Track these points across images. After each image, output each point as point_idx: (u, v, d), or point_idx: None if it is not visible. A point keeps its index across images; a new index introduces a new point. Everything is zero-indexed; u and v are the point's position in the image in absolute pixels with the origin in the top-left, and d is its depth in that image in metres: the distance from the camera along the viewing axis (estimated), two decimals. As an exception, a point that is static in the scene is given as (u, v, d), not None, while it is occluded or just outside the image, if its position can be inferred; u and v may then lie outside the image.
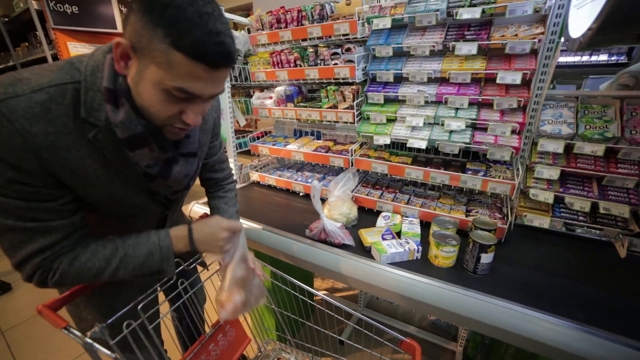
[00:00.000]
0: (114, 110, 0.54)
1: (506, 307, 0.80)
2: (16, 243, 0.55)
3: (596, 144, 0.97)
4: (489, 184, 1.09)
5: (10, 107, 0.49)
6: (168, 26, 0.46)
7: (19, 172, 0.51)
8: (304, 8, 1.39)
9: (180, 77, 0.49)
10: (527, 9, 0.97)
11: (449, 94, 1.17)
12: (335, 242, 1.08)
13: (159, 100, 0.52)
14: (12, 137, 0.49)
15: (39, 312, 0.63)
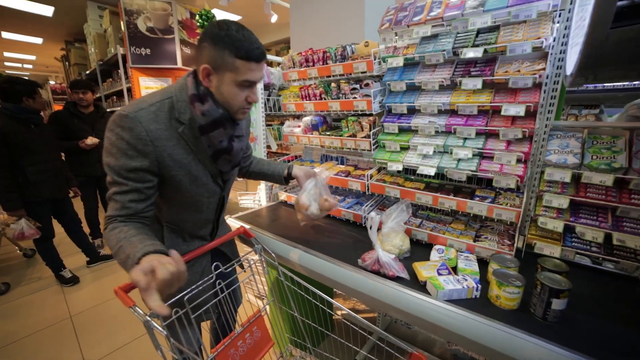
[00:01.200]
0: (200, 105, 0.84)
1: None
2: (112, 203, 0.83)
3: (604, 174, 0.98)
4: (495, 210, 1.13)
5: (139, 115, 0.81)
6: (230, 47, 0.80)
7: (143, 157, 0.81)
8: (328, 49, 1.60)
9: (243, 73, 0.83)
10: (525, 48, 1.05)
11: (457, 125, 1.25)
12: (389, 274, 1.05)
13: (235, 93, 0.85)
14: (141, 132, 0.80)
15: (115, 292, 0.83)
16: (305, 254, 1.24)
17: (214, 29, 0.80)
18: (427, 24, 1.23)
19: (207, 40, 0.81)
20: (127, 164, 0.80)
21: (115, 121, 0.80)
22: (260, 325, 1.17)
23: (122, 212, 0.82)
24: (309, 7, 2.60)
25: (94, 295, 2.50)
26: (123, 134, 0.79)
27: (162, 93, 0.88)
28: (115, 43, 3.97)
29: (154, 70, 3.72)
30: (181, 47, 3.71)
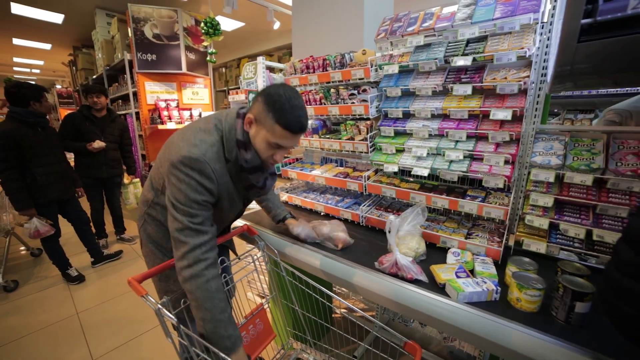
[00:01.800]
0: (245, 153, 0.96)
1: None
2: (187, 237, 0.89)
3: (585, 174, 1.05)
4: (484, 208, 1.20)
5: (208, 158, 0.91)
6: (275, 112, 0.90)
7: (209, 193, 0.92)
8: (328, 57, 1.69)
9: (277, 137, 0.93)
10: (511, 57, 1.12)
11: (449, 129, 1.33)
12: (407, 277, 1.06)
13: (264, 148, 0.96)
14: (210, 173, 0.91)
15: (129, 282, 0.91)
16: (324, 258, 1.26)
17: (272, 90, 0.91)
18: (420, 34, 1.32)
19: (262, 96, 0.92)
20: (197, 198, 0.89)
21: (183, 162, 0.88)
22: (263, 317, 1.24)
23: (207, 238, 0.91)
24: (311, 15, 2.70)
25: (99, 293, 2.57)
26: (193, 175, 0.88)
27: (212, 132, 0.95)
28: (122, 49, 4.09)
29: (159, 75, 3.83)
30: (186, 53, 3.82)
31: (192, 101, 4.14)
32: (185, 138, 0.93)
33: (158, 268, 1.01)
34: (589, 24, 0.70)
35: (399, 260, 1.08)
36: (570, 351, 0.74)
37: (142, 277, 0.96)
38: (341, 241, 1.31)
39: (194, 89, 4.15)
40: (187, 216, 0.89)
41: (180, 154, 0.88)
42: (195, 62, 4.01)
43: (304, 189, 2.12)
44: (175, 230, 0.90)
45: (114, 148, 3.15)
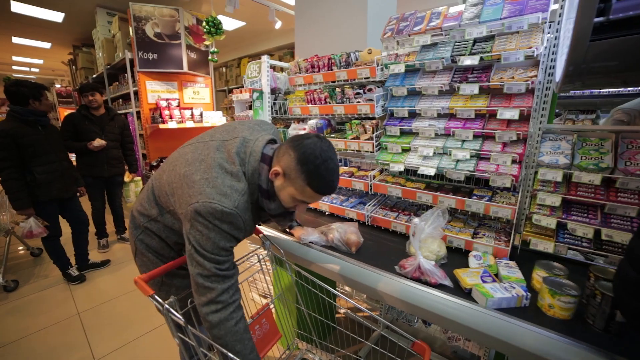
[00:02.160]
0: (268, 202, 0.93)
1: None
2: (215, 283, 0.86)
3: (593, 174, 1.05)
4: (491, 208, 1.20)
5: (239, 208, 0.85)
6: (309, 177, 0.85)
7: (237, 240, 0.90)
8: (334, 56, 1.68)
9: (305, 197, 0.89)
10: (518, 56, 1.12)
11: (456, 128, 1.32)
12: (431, 281, 1.04)
13: (289, 202, 0.92)
14: (240, 224, 0.86)
15: (135, 282, 0.90)
16: (340, 260, 1.24)
17: (307, 149, 0.84)
18: (427, 33, 1.32)
19: (295, 151, 0.85)
20: (226, 246, 0.86)
21: (214, 215, 0.81)
22: (269, 318, 1.23)
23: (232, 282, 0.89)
24: (313, 15, 2.70)
25: (100, 294, 2.56)
26: (223, 227, 0.83)
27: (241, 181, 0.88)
28: (124, 48, 4.07)
29: (160, 74, 3.82)
30: (187, 52, 3.81)
31: (193, 100, 4.12)
32: (211, 181, 0.84)
33: (167, 266, 1.00)
34: (601, 22, 0.70)
35: (422, 265, 1.05)
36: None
37: (149, 277, 0.95)
38: (354, 244, 1.29)
39: (195, 89, 4.14)
40: (214, 263, 0.85)
41: (211, 205, 0.81)
42: (197, 62, 4.00)
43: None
44: (199, 275, 0.85)
45: (115, 146, 3.13)
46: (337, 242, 1.32)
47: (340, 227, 1.38)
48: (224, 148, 0.92)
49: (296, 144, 0.86)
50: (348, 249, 1.29)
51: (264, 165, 0.90)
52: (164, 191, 0.99)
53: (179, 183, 0.90)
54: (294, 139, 0.89)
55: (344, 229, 1.36)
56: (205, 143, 0.95)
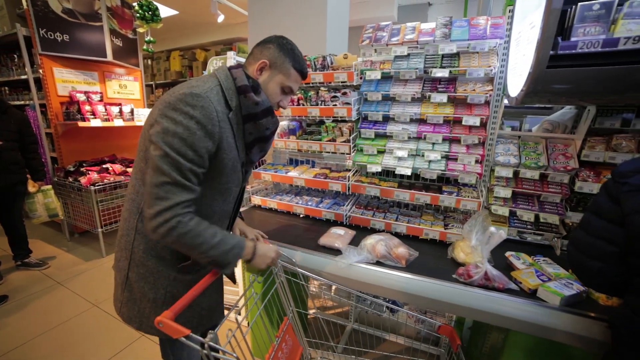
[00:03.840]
0: (254, 96, 0.90)
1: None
2: (168, 194, 0.78)
3: (533, 171, 1.32)
4: (461, 202, 1.39)
5: (210, 95, 0.82)
6: (292, 58, 0.95)
7: (209, 137, 0.81)
8: (309, 58, 1.69)
9: (292, 81, 0.97)
10: (480, 73, 1.34)
11: (427, 132, 1.49)
12: (498, 287, 1.05)
13: (276, 93, 0.97)
14: (212, 111, 0.81)
15: (157, 322, 0.71)
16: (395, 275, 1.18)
17: (282, 40, 0.95)
18: (403, 45, 1.44)
19: (274, 43, 0.94)
20: (194, 143, 0.78)
21: (182, 99, 0.78)
22: (291, 333, 1.16)
23: (191, 196, 0.81)
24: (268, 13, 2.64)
25: (2, 340, 1.97)
26: (194, 113, 0.78)
27: (208, 79, 0.88)
28: (11, 20, 3.23)
29: (74, 62, 3.16)
30: (111, 38, 3.25)
31: (119, 95, 3.53)
32: (179, 86, 0.84)
33: (196, 290, 0.84)
34: (553, 55, 0.91)
35: (489, 272, 1.07)
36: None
37: (175, 313, 0.74)
38: (404, 257, 1.23)
39: (122, 81, 3.55)
40: (175, 168, 0.77)
41: (179, 92, 0.79)
42: (123, 50, 3.44)
43: (275, 191, 2.06)
44: (154, 184, 0.77)
45: (13, 148, 2.47)
46: (384, 256, 1.25)
47: (381, 241, 1.28)
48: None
49: (267, 40, 0.95)
50: (397, 263, 1.23)
51: (237, 70, 0.91)
52: (139, 160, 0.89)
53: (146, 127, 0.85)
54: (259, 43, 0.96)
55: (386, 242, 1.28)
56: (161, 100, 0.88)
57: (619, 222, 0.71)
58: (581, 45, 0.91)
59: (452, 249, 1.28)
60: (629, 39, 0.85)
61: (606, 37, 0.88)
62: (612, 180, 0.75)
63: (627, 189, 0.70)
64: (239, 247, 0.93)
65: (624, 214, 0.69)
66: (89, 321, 2.12)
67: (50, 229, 3.58)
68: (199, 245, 0.83)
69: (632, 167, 0.72)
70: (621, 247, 0.71)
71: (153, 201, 0.78)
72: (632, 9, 0.85)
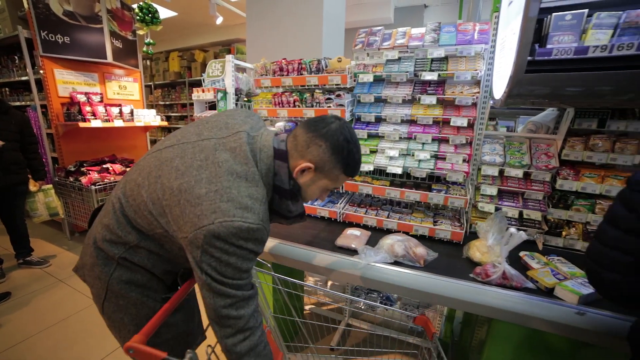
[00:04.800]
0: (291, 204, 0.84)
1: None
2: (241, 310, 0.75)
3: (517, 169, 1.39)
4: (449, 199, 1.45)
5: (264, 221, 0.74)
6: (345, 164, 0.82)
7: (257, 257, 0.78)
8: (304, 61, 1.75)
9: (337, 184, 0.87)
10: (467, 76, 1.40)
11: (417, 132, 1.55)
12: (515, 285, 1.08)
13: (316, 194, 0.89)
14: (265, 237, 0.76)
15: (127, 348, 0.66)
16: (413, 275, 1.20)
17: (339, 137, 0.79)
18: (394, 49, 1.51)
19: (327, 142, 0.78)
20: (247, 267, 0.75)
21: (237, 235, 0.68)
22: (270, 339, 1.17)
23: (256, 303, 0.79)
24: (267, 16, 2.69)
25: (5, 336, 2.02)
26: (248, 245, 0.71)
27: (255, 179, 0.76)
28: (12, 22, 3.28)
29: (75, 63, 3.20)
30: (112, 39, 3.30)
31: (118, 96, 3.58)
32: (225, 194, 0.70)
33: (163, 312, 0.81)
34: (531, 60, 0.97)
35: (507, 271, 1.09)
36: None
37: (146, 334, 0.72)
38: (422, 257, 1.25)
39: (121, 82, 3.60)
40: (237, 289, 0.73)
41: (233, 225, 0.67)
42: (123, 51, 3.49)
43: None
44: (221, 307, 0.72)
45: (14, 148, 2.51)
46: (402, 256, 1.27)
47: (399, 242, 1.31)
48: (226, 147, 0.76)
49: (323, 132, 0.78)
50: (415, 263, 1.25)
51: (281, 163, 0.79)
52: (147, 211, 0.77)
53: (173, 200, 0.72)
54: (313, 125, 0.81)
55: (405, 243, 1.30)
56: (195, 144, 0.78)
57: (636, 232, 0.69)
58: (556, 52, 0.97)
59: (468, 249, 1.31)
60: (597, 48, 0.91)
61: (577, 46, 0.94)
62: (628, 189, 0.72)
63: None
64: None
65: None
66: (90, 317, 2.17)
67: (51, 228, 3.62)
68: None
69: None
70: (638, 257, 0.69)
71: (230, 322, 0.74)
72: (599, 20, 0.92)
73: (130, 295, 0.85)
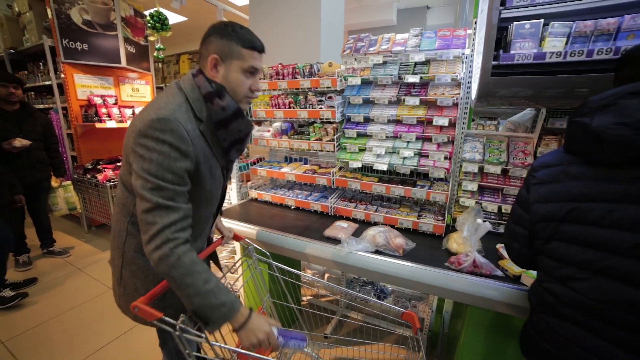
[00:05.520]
0: (219, 101, 0.89)
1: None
2: (156, 217, 0.79)
3: (495, 166, 1.47)
4: (431, 194, 1.54)
5: (178, 116, 0.82)
6: (237, 39, 0.89)
7: (185, 156, 0.83)
8: (298, 66, 1.87)
9: (249, 60, 0.91)
10: (447, 78, 1.49)
11: (402, 132, 1.64)
12: (485, 273, 1.17)
13: (242, 80, 0.92)
14: (183, 132, 0.82)
15: (132, 307, 0.79)
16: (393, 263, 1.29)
17: (220, 25, 0.90)
18: (379, 54, 1.61)
19: (213, 35, 0.89)
20: (171, 166, 0.80)
21: (152, 126, 0.79)
22: None
23: (179, 215, 0.82)
24: (267, 21, 2.83)
25: (31, 316, 2.24)
26: (165, 137, 0.79)
27: (176, 94, 0.88)
28: (39, 32, 3.53)
29: (92, 68, 3.44)
30: (125, 45, 3.52)
31: (132, 98, 3.80)
32: (148, 107, 0.86)
33: (163, 285, 0.90)
34: (495, 65, 1.06)
35: (477, 259, 1.18)
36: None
37: (150, 297, 0.84)
38: (401, 247, 1.35)
39: (134, 85, 3.82)
40: (156, 191, 0.79)
41: (148, 118, 0.79)
42: (135, 56, 3.71)
43: (271, 186, 2.25)
44: (142, 212, 0.80)
45: (39, 147, 2.74)
46: (383, 245, 1.36)
47: (381, 233, 1.41)
48: (162, 92, 0.95)
49: (206, 34, 0.90)
50: (395, 252, 1.35)
51: (199, 77, 0.90)
52: (123, 162, 0.92)
53: (126, 136, 0.87)
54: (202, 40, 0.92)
55: (385, 234, 1.40)
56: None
57: (528, 210, 0.84)
58: (517, 58, 1.06)
59: (447, 241, 1.40)
60: (553, 54, 1.00)
61: (537, 52, 1.03)
62: (528, 173, 0.88)
63: (534, 181, 0.82)
64: (230, 307, 0.84)
65: (529, 202, 0.83)
66: (105, 302, 2.37)
67: (70, 222, 3.89)
68: (186, 286, 0.80)
69: (541, 161, 0.84)
70: (530, 231, 0.84)
71: (145, 227, 0.80)
72: (554, 29, 1.00)
73: (138, 262, 0.97)
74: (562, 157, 0.81)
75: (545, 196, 0.79)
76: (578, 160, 0.77)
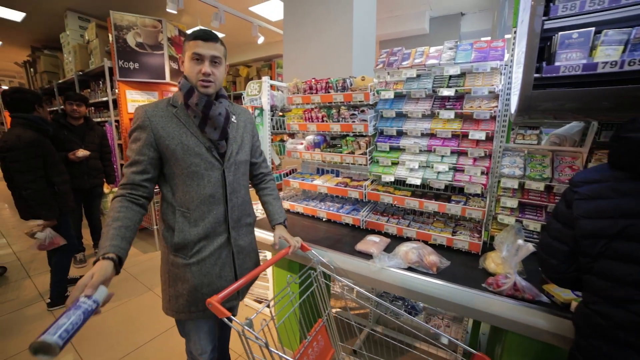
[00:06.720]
0: (180, 85, 1.13)
1: None
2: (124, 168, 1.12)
3: (537, 182, 1.39)
4: (467, 210, 1.49)
5: (144, 106, 1.12)
6: (187, 37, 1.12)
7: (140, 129, 1.10)
8: (331, 80, 1.92)
9: (192, 48, 1.09)
10: (484, 91, 1.45)
11: (436, 146, 1.61)
12: (527, 297, 1.08)
13: (190, 66, 1.10)
14: (143, 115, 1.10)
15: (207, 303, 0.90)
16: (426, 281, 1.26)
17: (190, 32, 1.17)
18: (413, 68, 1.61)
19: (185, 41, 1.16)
20: (132, 147, 1.10)
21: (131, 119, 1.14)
22: (324, 334, 1.28)
23: (124, 181, 1.09)
24: (300, 36, 2.93)
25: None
26: (133, 126, 1.11)
27: (164, 99, 1.19)
28: (101, 55, 3.97)
29: (141, 84, 3.78)
30: (169, 62, 3.83)
31: (175, 111, 4.11)
32: None
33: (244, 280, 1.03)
34: (538, 78, 1.02)
35: (519, 282, 1.10)
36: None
37: (222, 297, 0.94)
38: (435, 265, 1.31)
39: (177, 99, 4.13)
40: (126, 162, 1.11)
41: None
42: (177, 71, 4.02)
43: (303, 197, 2.30)
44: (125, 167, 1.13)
45: (95, 157, 3.06)
46: (416, 262, 1.33)
47: (414, 249, 1.37)
48: None
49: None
50: (428, 270, 1.31)
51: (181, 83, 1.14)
52: None
53: None
54: None
55: (419, 251, 1.36)
56: None
57: (570, 225, 0.82)
58: (563, 69, 1.01)
59: (484, 260, 1.33)
60: (606, 64, 0.94)
61: (586, 62, 0.97)
62: (569, 188, 0.86)
63: (577, 197, 0.81)
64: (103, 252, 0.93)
65: (573, 218, 0.81)
66: (145, 301, 2.55)
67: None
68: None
69: (582, 177, 0.83)
70: (572, 247, 0.83)
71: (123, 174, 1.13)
72: (607, 37, 0.94)
73: (163, 251, 1.25)
74: (609, 173, 0.79)
75: (593, 212, 0.78)
76: (628, 176, 0.75)
